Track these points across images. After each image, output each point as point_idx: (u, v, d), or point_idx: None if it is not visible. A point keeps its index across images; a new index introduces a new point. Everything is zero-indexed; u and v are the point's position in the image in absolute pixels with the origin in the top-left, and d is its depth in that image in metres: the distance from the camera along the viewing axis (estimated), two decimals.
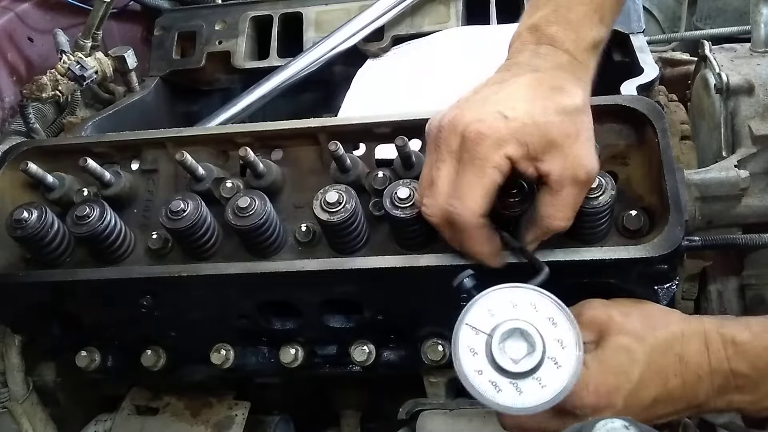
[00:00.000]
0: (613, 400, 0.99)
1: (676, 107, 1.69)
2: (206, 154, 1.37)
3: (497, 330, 0.93)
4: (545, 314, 0.94)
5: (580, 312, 1.06)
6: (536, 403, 0.91)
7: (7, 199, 1.39)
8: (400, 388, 1.51)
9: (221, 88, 2.01)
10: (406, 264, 1.15)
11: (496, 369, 0.92)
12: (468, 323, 0.95)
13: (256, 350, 1.40)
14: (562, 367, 0.92)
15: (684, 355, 1.01)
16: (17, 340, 1.53)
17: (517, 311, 0.95)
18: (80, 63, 1.70)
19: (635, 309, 1.07)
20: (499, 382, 0.92)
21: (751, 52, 1.56)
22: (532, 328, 0.93)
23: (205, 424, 1.52)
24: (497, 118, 0.96)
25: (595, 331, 1.05)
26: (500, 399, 0.92)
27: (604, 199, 1.07)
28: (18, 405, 1.53)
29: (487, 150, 0.96)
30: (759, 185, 1.41)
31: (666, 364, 1.01)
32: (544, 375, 0.91)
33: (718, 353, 1.00)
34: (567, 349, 0.92)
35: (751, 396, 1.00)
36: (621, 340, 1.02)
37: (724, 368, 0.99)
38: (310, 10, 1.91)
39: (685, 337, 1.02)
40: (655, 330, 1.03)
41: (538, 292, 0.96)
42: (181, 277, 1.24)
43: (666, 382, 1.00)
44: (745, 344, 0.99)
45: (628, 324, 1.04)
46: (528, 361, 0.92)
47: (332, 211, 1.15)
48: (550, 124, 0.97)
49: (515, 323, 0.93)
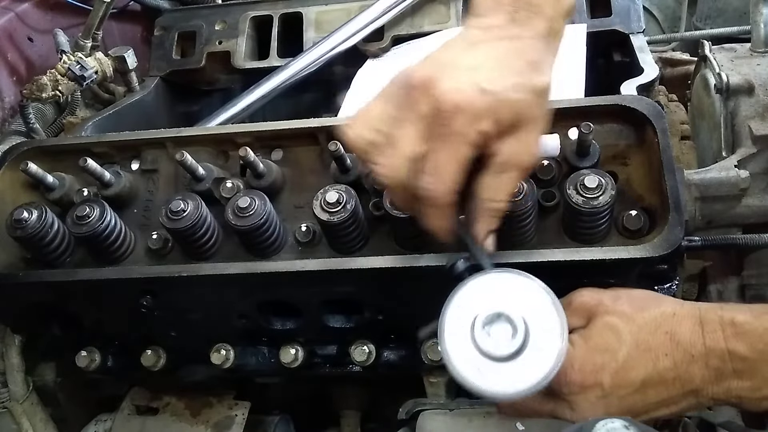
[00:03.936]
0: (599, 378, 0.98)
1: (676, 107, 1.69)
2: (206, 154, 1.37)
3: (482, 313, 0.93)
4: (532, 300, 0.94)
5: (571, 299, 1.06)
6: (518, 389, 0.91)
7: (7, 199, 1.39)
8: (400, 388, 1.51)
9: (221, 88, 2.01)
10: (406, 264, 1.15)
11: (478, 351, 0.92)
12: (454, 306, 0.95)
13: (256, 350, 1.40)
14: (546, 353, 0.91)
15: (675, 333, 0.98)
16: (17, 340, 1.53)
17: (504, 296, 0.94)
18: (80, 63, 1.70)
19: (625, 293, 1.06)
20: (482, 365, 0.91)
21: (751, 52, 1.56)
22: (516, 313, 0.92)
23: (205, 424, 1.52)
24: (475, 89, 0.90)
25: (584, 316, 1.04)
26: (482, 383, 0.91)
27: (604, 199, 1.07)
28: (18, 405, 1.53)
29: (464, 124, 0.91)
30: (759, 185, 1.41)
31: (655, 342, 0.98)
32: (527, 360, 0.91)
33: (714, 333, 0.96)
34: (551, 335, 0.92)
35: (750, 382, 0.95)
36: (608, 319, 1.01)
37: (720, 348, 0.95)
38: (310, 10, 1.91)
39: (678, 317, 0.99)
40: (644, 310, 1.01)
41: (526, 277, 0.96)
42: (181, 277, 1.24)
43: (656, 362, 0.97)
44: (745, 324, 0.95)
45: (616, 306, 1.02)
46: (510, 345, 0.91)
47: (332, 211, 1.15)
48: (523, 103, 0.92)
49: (500, 308, 0.93)
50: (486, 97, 0.90)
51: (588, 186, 1.08)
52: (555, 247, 1.13)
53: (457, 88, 0.91)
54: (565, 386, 0.99)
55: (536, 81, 0.94)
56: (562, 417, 1.02)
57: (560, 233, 1.17)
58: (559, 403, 1.02)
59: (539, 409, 1.05)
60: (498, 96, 0.91)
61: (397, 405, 1.46)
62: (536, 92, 0.94)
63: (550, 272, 1.07)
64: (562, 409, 1.02)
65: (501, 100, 0.91)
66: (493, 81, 0.92)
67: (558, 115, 1.22)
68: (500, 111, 0.91)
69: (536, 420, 1.21)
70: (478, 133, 0.91)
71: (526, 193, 1.09)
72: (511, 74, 0.93)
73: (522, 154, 0.95)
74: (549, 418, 1.05)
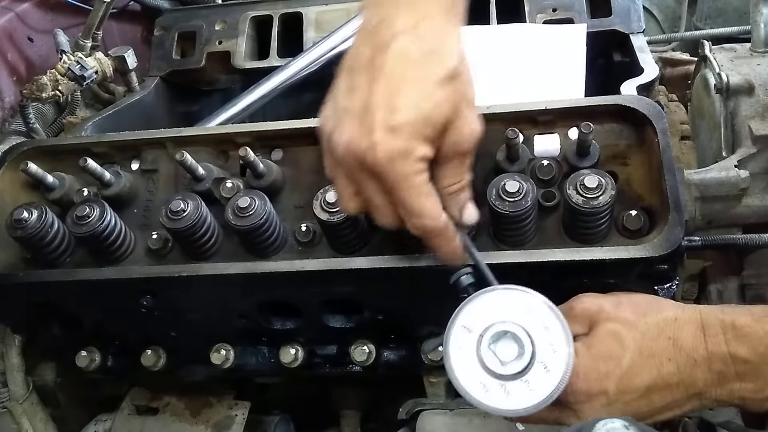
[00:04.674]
0: (604, 386, 0.98)
1: (676, 107, 1.69)
2: (206, 154, 1.37)
3: (488, 331, 0.93)
4: (538, 318, 0.94)
5: (572, 306, 1.06)
6: (523, 406, 0.91)
7: (7, 199, 1.39)
8: (400, 388, 1.51)
9: (221, 88, 2.01)
10: (406, 264, 1.15)
11: (484, 369, 0.92)
12: (460, 322, 0.95)
13: (256, 350, 1.40)
14: (552, 372, 0.92)
15: (678, 338, 0.98)
16: (17, 340, 1.53)
17: (510, 313, 0.95)
18: (80, 63, 1.70)
19: (626, 298, 1.06)
20: (487, 382, 0.92)
21: (751, 52, 1.56)
22: (522, 331, 0.93)
23: (205, 424, 1.52)
24: (386, 134, 0.90)
25: (586, 323, 1.04)
26: (487, 399, 0.92)
27: (604, 199, 1.07)
28: (18, 405, 1.53)
29: (399, 170, 0.92)
30: (759, 185, 1.41)
31: (658, 348, 0.98)
32: (532, 378, 0.92)
33: (715, 337, 0.97)
34: (557, 353, 0.92)
35: (753, 384, 0.96)
36: (610, 326, 1.01)
37: (722, 352, 0.96)
38: (310, 10, 1.91)
39: (680, 322, 1.00)
40: (646, 316, 1.01)
41: (532, 295, 0.96)
42: (181, 277, 1.24)
43: (660, 368, 0.98)
44: (746, 327, 0.96)
45: (618, 312, 1.02)
46: (517, 363, 0.92)
47: (332, 211, 1.15)
48: (436, 108, 0.91)
49: (506, 325, 0.94)
50: (403, 131, 0.91)
51: (588, 186, 1.08)
52: (555, 247, 1.13)
53: (372, 142, 0.91)
54: (570, 395, 0.98)
55: (437, 72, 0.92)
56: (567, 424, 1.02)
57: (560, 233, 1.17)
58: (564, 411, 1.02)
59: (545, 417, 1.04)
60: (412, 121, 0.91)
61: (397, 405, 1.47)
62: (442, 83, 0.92)
63: (550, 272, 1.08)
64: (568, 417, 1.02)
65: (416, 122, 0.91)
66: (400, 110, 0.91)
67: (558, 115, 1.23)
68: (422, 131, 0.92)
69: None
70: (418, 160, 0.93)
71: (526, 193, 1.09)
72: (414, 82, 0.92)
73: (462, 142, 0.96)
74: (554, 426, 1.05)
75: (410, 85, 0.91)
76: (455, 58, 0.95)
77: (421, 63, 0.92)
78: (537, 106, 1.23)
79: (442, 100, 0.92)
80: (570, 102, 1.24)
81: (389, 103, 0.91)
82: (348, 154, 0.94)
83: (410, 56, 0.92)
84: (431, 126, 0.92)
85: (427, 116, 0.91)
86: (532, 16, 1.71)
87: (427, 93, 0.91)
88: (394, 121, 0.90)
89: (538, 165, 1.20)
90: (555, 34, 1.62)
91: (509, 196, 1.09)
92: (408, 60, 0.92)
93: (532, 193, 1.10)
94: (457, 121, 0.95)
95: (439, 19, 0.95)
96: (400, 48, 0.92)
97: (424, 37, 0.93)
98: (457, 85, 0.94)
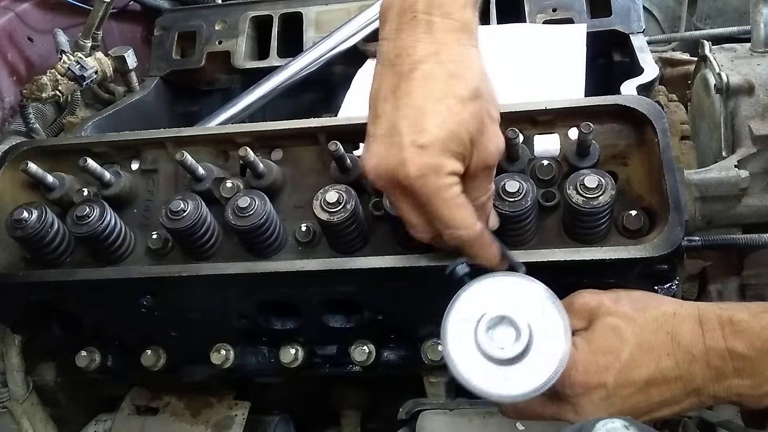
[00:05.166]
0: (602, 379, 0.98)
1: (676, 107, 1.69)
2: (206, 154, 1.37)
3: (485, 317, 0.94)
4: (535, 303, 0.95)
5: (572, 301, 1.07)
6: (522, 391, 0.91)
7: (7, 199, 1.39)
8: (400, 388, 1.51)
9: (221, 88, 2.01)
10: (406, 264, 1.15)
11: (482, 355, 0.92)
12: (456, 310, 0.96)
13: (256, 350, 1.40)
14: (550, 356, 0.92)
15: (676, 333, 0.99)
16: (17, 340, 1.53)
17: (506, 299, 0.95)
18: (80, 63, 1.70)
19: (625, 294, 1.07)
20: (485, 368, 0.92)
21: (751, 52, 1.56)
22: (519, 316, 0.93)
23: (205, 424, 1.52)
24: (416, 151, 0.92)
25: (586, 318, 1.05)
26: (486, 385, 0.92)
27: (604, 199, 1.07)
28: (18, 405, 1.54)
29: (431, 185, 0.94)
30: (759, 185, 1.41)
31: (657, 343, 0.99)
32: (531, 363, 0.92)
33: (713, 332, 0.98)
34: (555, 337, 0.93)
35: (750, 380, 0.97)
36: (610, 320, 1.02)
37: (719, 347, 0.97)
38: (310, 10, 1.91)
39: (678, 317, 1.01)
40: (645, 311, 1.02)
41: (528, 280, 0.96)
42: (181, 277, 1.24)
43: (658, 362, 0.99)
44: (743, 323, 0.97)
45: (618, 307, 1.04)
46: (514, 348, 0.92)
47: (332, 211, 1.15)
48: (462, 124, 0.94)
49: (503, 311, 0.94)
50: (431, 148, 0.92)
51: (588, 186, 1.08)
52: (555, 247, 1.13)
53: (401, 160, 0.93)
54: (569, 388, 0.99)
55: (460, 93, 0.94)
56: (565, 419, 1.02)
57: (560, 233, 1.17)
58: (562, 406, 1.02)
59: (543, 412, 1.05)
60: (440, 138, 0.93)
61: (397, 405, 1.47)
62: (465, 102, 0.94)
63: (550, 272, 1.08)
64: (566, 412, 1.02)
65: (445, 139, 0.93)
66: (427, 128, 0.92)
67: (558, 115, 1.23)
68: (450, 147, 0.93)
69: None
70: (448, 175, 0.94)
71: (526, 193, 1.09)
72: (439, 101, 0.93)
73: (488, 156, 0.98)
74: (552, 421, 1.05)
75: (435, 106, 0.93)
76: (477, 77, 0.97)
77: (445, 85, 0.94)
78: (537, 106, 1.23)
79: (468, 118, 0.94)
80: (570, 102, 1.24)
81: (416, 125, 0.93)
82: (378, 174, 0.96)
83: (433, 80, 0.94)
84: (458, 142, 0.94)
85: (454, 133, 0.93)
86: (532, 16, 1.71)
87: (453, 112, 0.93)
88: (422, 139, 0.92)
89: (538, 165, 1.20)
90: (555, 34, 1.62)
91: (509, 196, 1.09)
92: (431, 84, 0.94)
93: (532, 193, 1.10)
94: (483, 137, 0.96)
95: (457, 44, 0.97)
96: (423, 74, 0.94)
97: (445, 62, 0.95)
98: (480, 102, 0.96)
